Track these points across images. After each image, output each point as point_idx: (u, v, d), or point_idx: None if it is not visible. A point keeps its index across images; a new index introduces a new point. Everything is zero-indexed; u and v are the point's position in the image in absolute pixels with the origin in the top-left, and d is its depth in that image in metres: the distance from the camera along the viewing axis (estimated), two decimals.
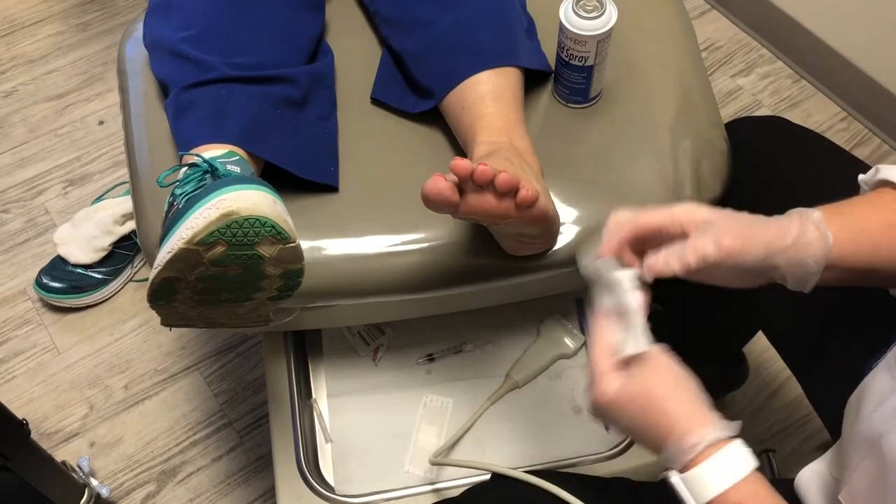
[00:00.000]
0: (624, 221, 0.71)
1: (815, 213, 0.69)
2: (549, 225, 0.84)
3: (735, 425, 0.63)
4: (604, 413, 0.67)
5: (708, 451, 0.61)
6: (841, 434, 0.70)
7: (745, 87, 1.76)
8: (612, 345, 0.67)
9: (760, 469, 0.62)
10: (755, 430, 1.35)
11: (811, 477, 0.71)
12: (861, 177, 0.76)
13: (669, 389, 0.64)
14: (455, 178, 0.74)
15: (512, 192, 0.74)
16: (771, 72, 1.78)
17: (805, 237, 0.68)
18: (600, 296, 0.70)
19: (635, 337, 0.66)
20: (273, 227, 0.71)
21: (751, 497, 0.60)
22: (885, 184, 0.72)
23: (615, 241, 0.71)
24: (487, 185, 0.73)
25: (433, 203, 0.74)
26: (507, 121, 0.90)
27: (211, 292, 0.76)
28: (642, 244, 0.72)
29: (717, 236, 0.67)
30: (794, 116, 1.69)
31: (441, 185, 0.73)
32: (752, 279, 0.70)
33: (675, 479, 0.62)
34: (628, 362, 0.66)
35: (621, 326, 0.68)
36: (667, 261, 0.68)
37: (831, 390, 0.83)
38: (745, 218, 0.70)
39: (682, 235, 0.69)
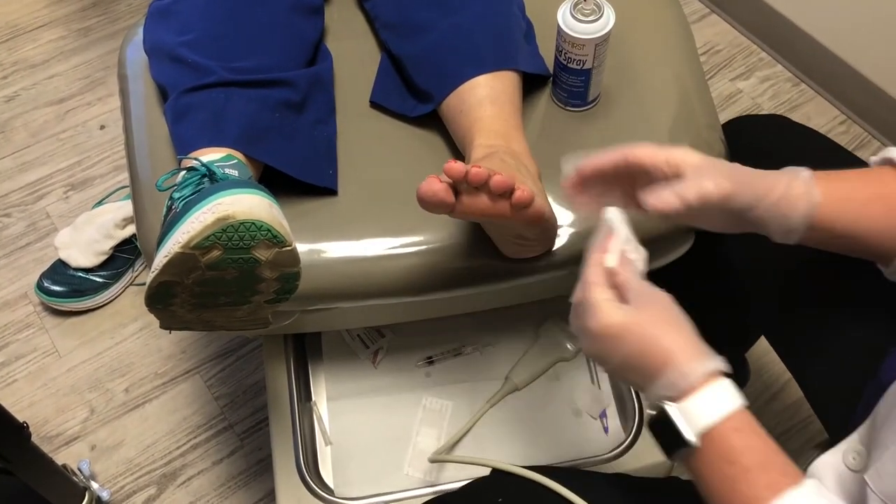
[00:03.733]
0: (619, 149, 0.73)
1: (805, 172, 0.72)
2: (547, 227, 0.84)
3: (725, 363, 0.64)
4: (601, 343, 0.67)
5: (701, 383, 0.62)
6: (862, 420, 0.70)
7: (745, 90, 1.76)
8: (605, 270, 0.68)
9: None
10: None
11: (825, 468, 0.71)
12: (871, 158, 0.77)
13: (667, 325, 0.65)
14: (449, 180, 0.74)
15: (507, 193, 0.74)
16: (771, 75, 1.78)
17: (793, 191, 0.70)
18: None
19: (627, 247, 0.69)
20: (269, 230, 0.71)
21: (746, 425, 0.62)
22: (888, 163, 0.74)
23: (603, 159, 0.73)
24: (482, 186, 0.74)
25: (428, 204, 0.75)
26: (504, 124, 0.90)
27: (208, 296, 0.76)
28: (628, 179, 0.74)
29: (716, 177, 0.69)
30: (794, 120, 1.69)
31: (436, 186, 0.73)
32: (738, 225, 0.73)
33: (671, 408, 0.63)
34: (625, 296, 0.67)
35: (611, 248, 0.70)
36: (663, 197, 0.70)
37: (830, 389, 0.83)
38: (737, 167, 0.73)
39: (674, 177, 0.70)
